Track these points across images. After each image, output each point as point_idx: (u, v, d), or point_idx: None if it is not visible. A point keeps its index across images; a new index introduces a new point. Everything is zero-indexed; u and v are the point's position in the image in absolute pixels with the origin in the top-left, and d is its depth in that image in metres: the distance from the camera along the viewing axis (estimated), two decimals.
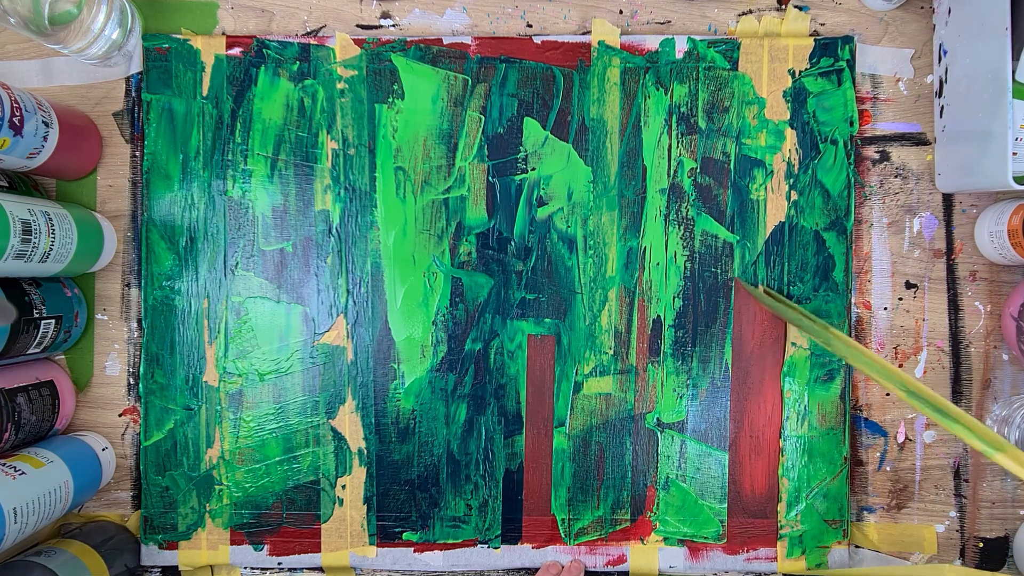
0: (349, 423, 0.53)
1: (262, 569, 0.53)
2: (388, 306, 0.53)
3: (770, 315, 0.52)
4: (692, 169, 0.53)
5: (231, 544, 0.53)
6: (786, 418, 0.52)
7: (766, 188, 0.52)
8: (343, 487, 0.53)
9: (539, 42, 0.52)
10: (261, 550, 0.53)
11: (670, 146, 0.53)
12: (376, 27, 0.53)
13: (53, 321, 0.49)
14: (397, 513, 0.53)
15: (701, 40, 0.52)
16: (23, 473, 0.45)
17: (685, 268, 0.53)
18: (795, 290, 0.52)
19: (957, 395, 0.53)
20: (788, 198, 0.52)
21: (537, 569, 0.53)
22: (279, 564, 0.53)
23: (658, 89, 0.52)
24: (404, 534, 0.53)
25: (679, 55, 0.52)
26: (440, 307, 0.53)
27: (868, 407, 0.53)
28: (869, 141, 0.53)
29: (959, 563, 0.53)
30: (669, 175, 0.53)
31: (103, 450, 0.52)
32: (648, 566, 0.53)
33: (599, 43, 0.52)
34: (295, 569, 0.53)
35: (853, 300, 0.53)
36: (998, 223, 0.50)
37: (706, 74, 0.52)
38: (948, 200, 0.53)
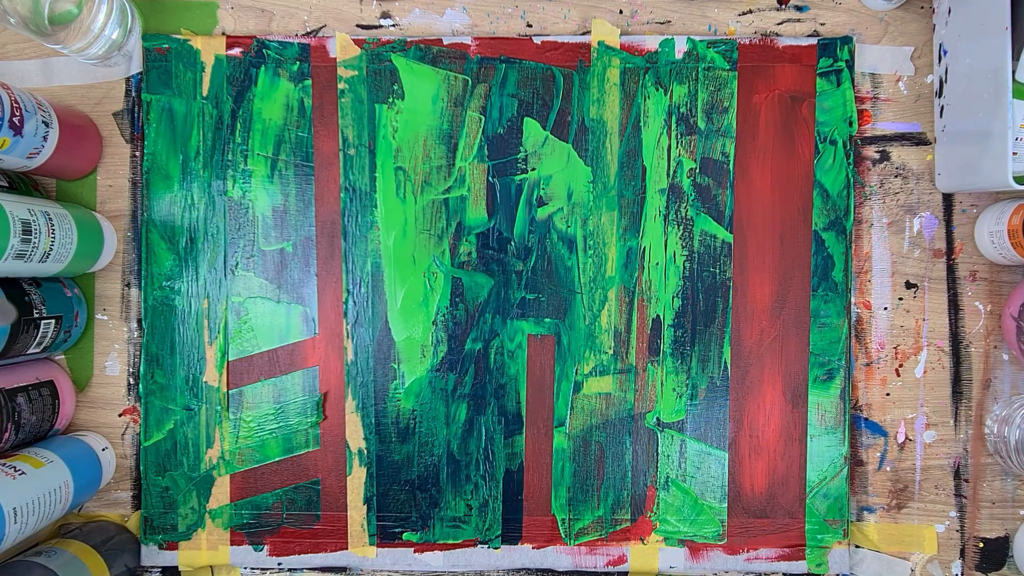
0: (349, 423, 0.53)
1: (262, 569, 0.53)
2: (388, 306, 0.53)
3: (768, 314, 0.53)
4: (691, 169, 0.53)
5: (231, 544, 0.53)
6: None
7: None
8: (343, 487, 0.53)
9: (539, 42, 0.52)
10: (261, 550, 0.53)
11: (670, 146, 0.53)
12: (376, 27, 0.53)
13: (53, 321, 0.49)
14: (397, 513, 0.53)
15: (701, 40, 0.52)
16: (23, 473, 0.45)
17: (684, 268, 0.53)
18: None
19: (957, 395, 0.53)
20: None
21: (539, 570, 0.53)
22: (279, 564, 0.53)
23: (658, 89, 0.52)
24: (404, 534, 0.53)
25: (679, 55, 0.52)
26: (440, 307, 0.53)
27: (868, 407, 0.53)
28: (869, 141, 0.53)
29: (959, 563, 0.53)
30: (668, 175, 0.53)
31: (103, 450, 0.52)
32: (648, 566, 0.53)
33: (599, 43, 0.52)
34: (295, 569, 0.53)
35: (853, 300, 0.53)
36: (998, 223, 0.50)
37: (705, 74, 0.52)
38: (948, 200, 0.53)
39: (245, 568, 0.53)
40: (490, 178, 0.53)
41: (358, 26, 0.53)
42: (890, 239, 0.53)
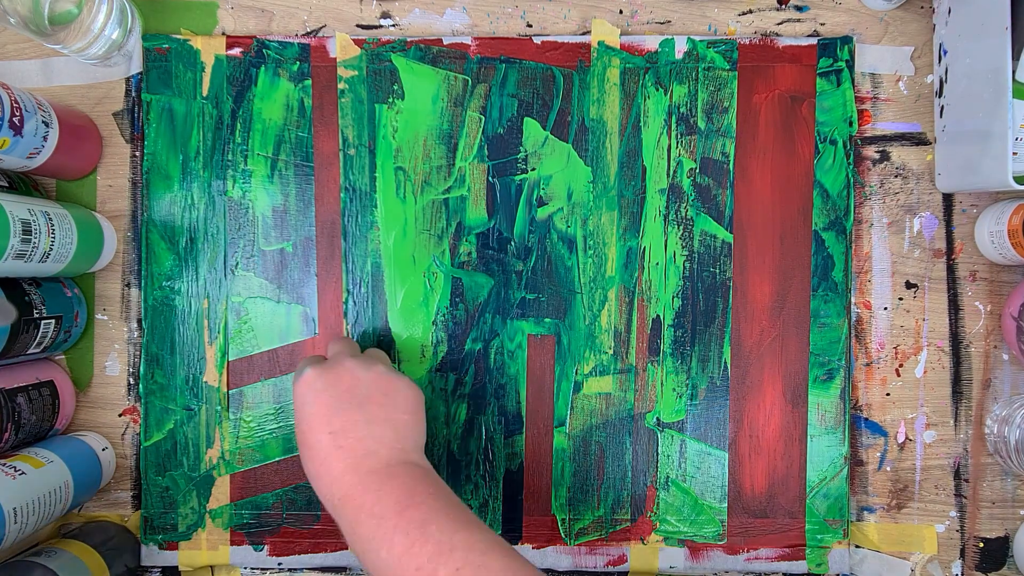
0: None
1: (262, 569, 0.53)
2: (388, 306, 0.53)
3: (768, 314, 0.52)
4: (691, 169, 0.53)
5: (231, 544, 0.53)
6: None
7: None
8: None
9: (539, 42, 0.52)
10: (261, 550, 0.53)
11: (669, 146, 0.53)
12: (376, 27, 0.53)
13: (53, 321, 0.49)
14: None
15: (701, 40, 0.52)
16: (23, 473, 0.45)
17: (684, 268, 0.53)
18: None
19: (957, 395, 0.53)
20: None
21: (539, 570, 0.53)
22: (279, 564, 0.53)
23: (658, 89, 0.52)
24: None
25: (679, 55, 0.52)
26: (440, 307, 0.53)
27: (868, 407, 0.53)
28: (869, 141, 0.53)
29: (959, 563, 0.53)
30: (668, 175, 0.53)
31: (103, 450, 0.52)
32: (648, 566, 0.53)
33: (599, 43, 0.52)
34: (295, 569, 0.53)
35: (853, 300, 0.53)
36: (998, 223, 0.50)
37: (705, 74, 0.52)
38: (948, 200, 0.53)
39: (245, 568, 0.53)
40: (490, 178, 0.53)
41: (358, 26, 0.53)
42: (890, 239, 0.53)
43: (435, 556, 0.35)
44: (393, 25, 0.53)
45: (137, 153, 0.53)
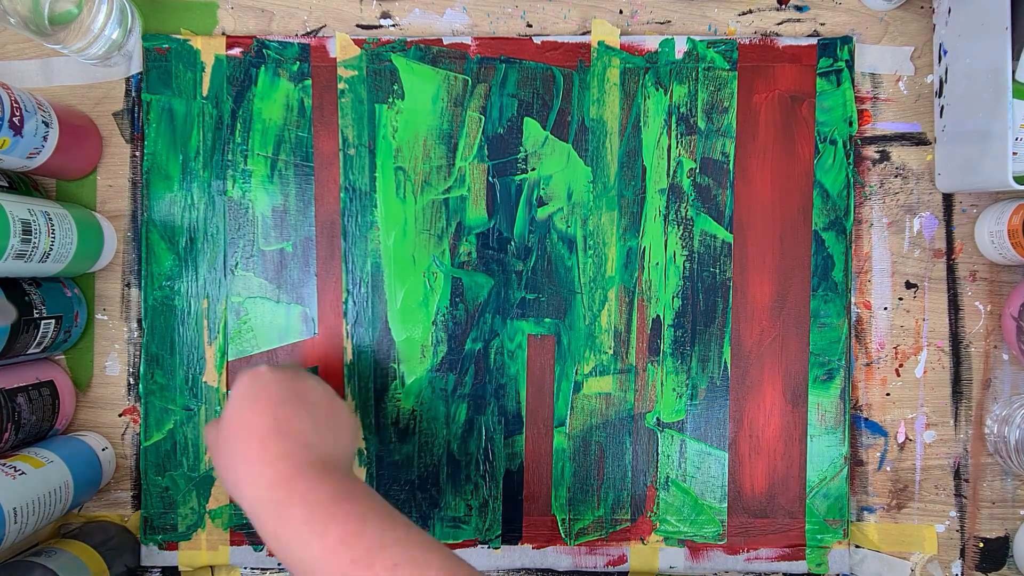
0: None
1: (262, 569, 0.53)
2: (388, 306, 0.53)
3: (768, 314, 0.53)
4: (691, 169, 0.53)
5: (231, 544, 0.53)
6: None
7: None
8: None
9: (539, 42, 0.52)
10: (261, 550, 0.53)
11: (669, 146, 0.53)
12: (376, 27, 0.53)
13: (53, 321, 0.49)
14: None
15: (701, 40, 0.52)
16: (23, 473, 0.45)
17: (684, 268, 0.53)
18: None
19: (957, 395, 0.53)
20: None
21: (539, 570, 0.53)
22: (279, 564, 0.53)
23: (658, 89, 0.52)
24: None
25: (679, 55, 0.52)
26: (440, 307, 0.53)
27: (868, 407, 0.53)
28: (869, 141, 0.53)
29: (959, 563, 0.53)
30: (668, 175, 0.53)
31: (103, 450, 0.52)
32: (648, 566, 0.53)
33: (599, 43, 0.52)
34: None
35: (853, 300, 0.53)
36: (998, 223, 0.50)
37: (705, 74, 0.52)
38: (948, 200, 0.53)
39: (245, 568, 0.53)
40: (490, 178, 0.53)
41: (358, 26, 0.53)
42: (890, 239, 0.53)
43: (372, 549, 0.34)
44: (393, 25, 0.53)
45: (137, 153, 0.53)
